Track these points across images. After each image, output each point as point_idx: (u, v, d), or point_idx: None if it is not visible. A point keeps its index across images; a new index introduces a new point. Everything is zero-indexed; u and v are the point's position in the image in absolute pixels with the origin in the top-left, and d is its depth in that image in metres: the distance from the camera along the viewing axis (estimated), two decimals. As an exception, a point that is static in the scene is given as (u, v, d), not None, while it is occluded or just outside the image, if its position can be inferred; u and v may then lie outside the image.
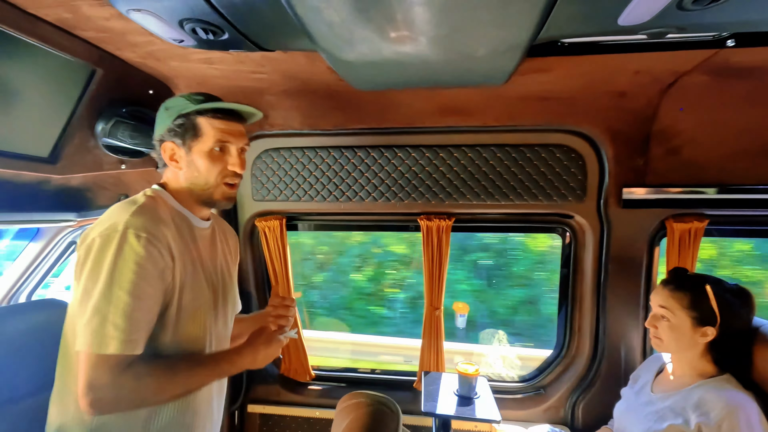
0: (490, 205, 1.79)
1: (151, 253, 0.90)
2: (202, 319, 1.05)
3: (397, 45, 0.96)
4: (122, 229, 0.89)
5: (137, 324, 0.89)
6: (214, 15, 0.94)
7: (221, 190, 1.07)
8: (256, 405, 2.10)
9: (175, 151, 1.06)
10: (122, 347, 0.86)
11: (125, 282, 0.87)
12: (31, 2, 0.99)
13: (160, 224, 0.95)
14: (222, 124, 1.05)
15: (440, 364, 1.96)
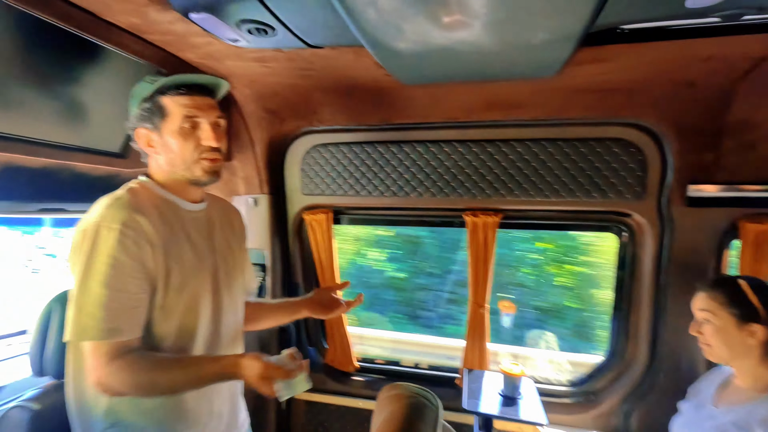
0: (540, 201, 1.72)
1: (124, 244, 0.92)
2: (197, 300, 1.05)
3: (449, 31, 0.93)
4: (96, 223, 0.93)
5: (114, 313, 0.91)
6: (267, 14, 0.98)
7: (201, 166, 1.04)
8: (302, 393, 2.17)
9: (149, 136, 1.04)
10: (100, 335, 0.90)
11: (99, 274, 0.91)
12: (107, 9, 1.08)
13: (135, 214, 0.96)
14: (187, 100, 1.02)
15: (484, 362, 1.93)
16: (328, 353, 2.18)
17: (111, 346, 0.92)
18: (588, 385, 1.91)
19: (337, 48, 1.26)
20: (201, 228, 1.13)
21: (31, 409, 1.05)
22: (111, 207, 0.96)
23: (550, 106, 1.60)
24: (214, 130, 1.04)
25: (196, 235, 1.10)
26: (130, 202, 0.97)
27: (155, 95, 1.01)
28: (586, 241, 3.53)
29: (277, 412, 2.14)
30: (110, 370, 0.91)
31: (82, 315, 0.91)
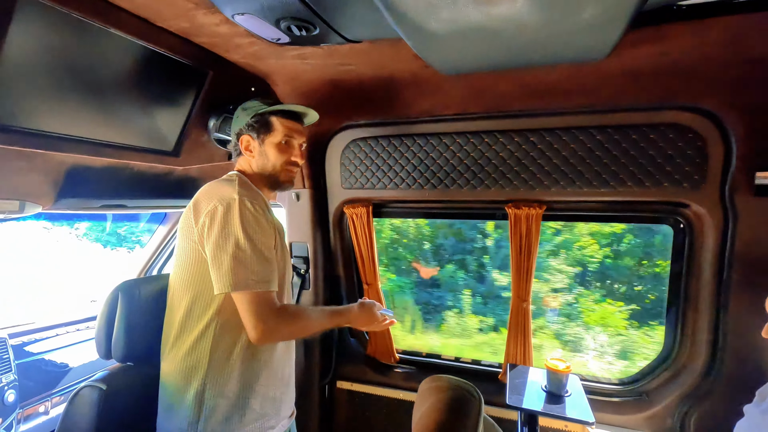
0: (588, 192, 1.65)
1: (260, 215, 1.15)
2: (285, 276, 1.30)
3: (488, 5, 0.89)
4: (238, 198, 1.13)
5: (266, 267, 1.13)
6: (307, 11, 1.00)
7: (285, 174, 1.32)
8: (345, 382, 2.22)
9: (250, 142, 1.31)
10: (261, 285, 1.10)
11: (250, 236, 1.11)
12: (158, 16, 1.14)
13: (258, 196, 1.21)
14: (289, 123, 1.31)
15: (528, 357, 1.89)
16: (369, 345, 2.22)
17: (271, 296, 1.13)
18: (640, 384, 1.82)
19: (375, 42, 1.26)
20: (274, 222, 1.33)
21: (100, 389, 1.15)
22: (243, 187, 1.17)
23: (598, 92, 1.52)
24: (300, 149, 1.35)
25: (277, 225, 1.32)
26: (250, 187, 1.22)
27: (266, 114, 1.29)
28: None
29: (320, 399, 2.21)
30: (278, 316, 1.12)
31: (243, 270, 1.09)
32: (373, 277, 2.13)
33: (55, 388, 2.42)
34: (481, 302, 3.59)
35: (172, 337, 1.18)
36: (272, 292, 1.14)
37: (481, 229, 3.64)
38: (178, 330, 1.18)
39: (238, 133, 1.32)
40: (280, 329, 1.14)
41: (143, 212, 2.53)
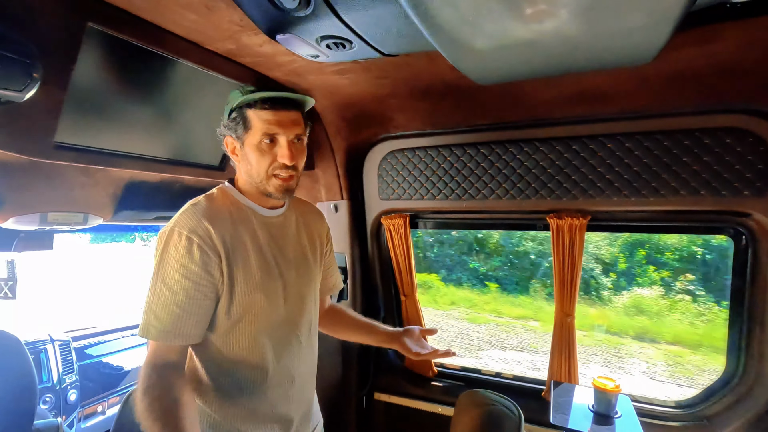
0: (635, 201, 1.57)
1: (190, 250, 0.96)
2: (264, 306, 1.07)
3: (532, 23, 0.87)
4: (170, 228, 0.98)
5: (175, 317, 0.95)
6: (345, 29, 1.03)
7: (273, 183, 1.06)
8: (382, 394, 2.21)
9: (234, 144, 1.08)
10: (158, 336, 0.94)
11: (167, 277, 0.96)
12: (207, 39, 1.22)
13: (207, 222, 1.00)
14: (269, 115, 1.02)
15: (573, 375, 1.80)
16: (406, 357, 2.20)
17: (161, 352, 0.96)
18: (700, 408, 1.68)
19: (411, 54, 1.28)
20: (277, 234, 1.15)
21: None
22: (184, 213, 1.01)
23: (644, 97, 1.45)
24: (291, 148, 1.04)
25: (267, 239, 1.12)
26: (204, 209, 1.03)
27: (243, 107, 1.03)
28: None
29: (357, 410, 2.21)
30: (145, 375, 0.93)
31: (150, 314, 0.96)
32: (410, 288, 2.12)
33: (112, 390, 2.57)
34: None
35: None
36: (168, 347, 0.96)
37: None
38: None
39: (222, 135, 1.11)
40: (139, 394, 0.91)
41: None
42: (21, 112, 0.99)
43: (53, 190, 1.34)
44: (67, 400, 2.24)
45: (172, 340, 0.95)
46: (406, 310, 2.16)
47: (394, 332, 1.41)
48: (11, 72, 0.88)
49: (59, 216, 1.40)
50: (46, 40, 0.96)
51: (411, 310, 2.15)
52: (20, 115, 1.00)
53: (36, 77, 0.92)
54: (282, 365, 1.13)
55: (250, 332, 1.07)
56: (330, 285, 1.43)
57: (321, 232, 1.34)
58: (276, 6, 0.95)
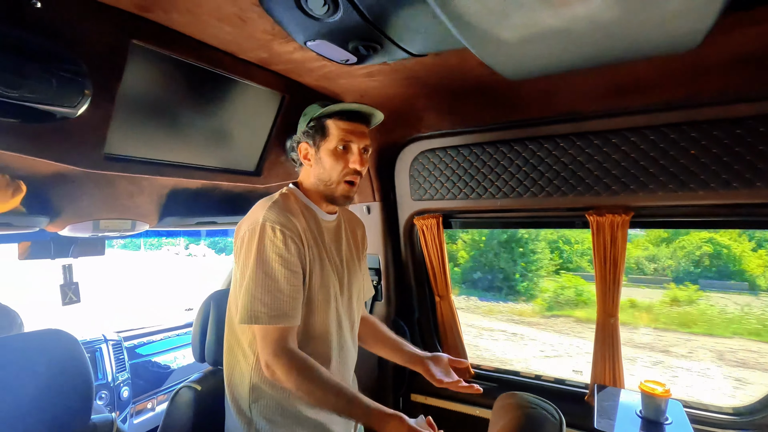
0: (683, 195, 1.48)
1: (285, 241, 1.07)
2: (330, 300, 1.19)
3: (561, 9, 0.84)
4: (261, 222, 1.08)
5: (279, 301, 1.05)
6: (373, 31, 1.04)
7: (342, 188, 1.19)
8: (419, 395, 2.20)
9: (308, 150, 1.22)
10: (271, 321, 1.04)
11: (268, 266, 1.06)
12: (241, 49, 1.26)
13: (291, 217, 1.11)
14: (345, 125, 1.17)
15: (618, 379, 1.72)
16: (442, 358, 2.18)
17: (279, 332, 1.05)
18: (761, 415, 1.57)
19: (440, 53, 1.27)
20: (332, 236, 1.28)
21: (195, 389, 1.26)
22: (272, 209, 1.11)
23: (688, 85, 1.37)
24: (361, 155, 1.19)
25: (329, 242, 1.25)
26: (284, 207, 1.14)
27: (322, 117, 1.18)
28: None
29: (395, 412, 2.21)
30: (280, 361, 1.03)
31: (256, 302, 1.05)
32: (445, 289, 2.10)
33: (160, 387, 2.70)
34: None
35: (228, 349, 1.22)
36: (285, 328, 1.06)
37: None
38: (229, 343, 1.22)
39: (297, 141, 1.26)
40: (284, 377, 1.03)
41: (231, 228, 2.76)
42: (74, 127, 1.06)
43: (104, 199, 1.43)
44: (120, 396, 2.37)
45: (280, 321, 1.05)
46: (441, 312, 2.14)
47: (421, 355, 1.39)
48: (66, 90, 0.94)
49: (110, 223, 1.49)
50: (94, 58, 1.02)
51: (446, 312, 2.13)
52: (73, 130, 1.07)
53: (87, 94, 0.99)
54: (337, 360, 1.23)
55: (315, 324, 1.17)
56: (367, 292, 1.49)
57: (362, 238, 1.46)
58: (306, 13, 0.97)
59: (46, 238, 1.58)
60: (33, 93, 0.88)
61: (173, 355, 2.84)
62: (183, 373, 2.81)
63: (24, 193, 1.15)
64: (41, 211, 1.30)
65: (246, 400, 1.15)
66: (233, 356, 1.20)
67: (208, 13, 1.03)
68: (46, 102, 0.92)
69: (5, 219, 1.19)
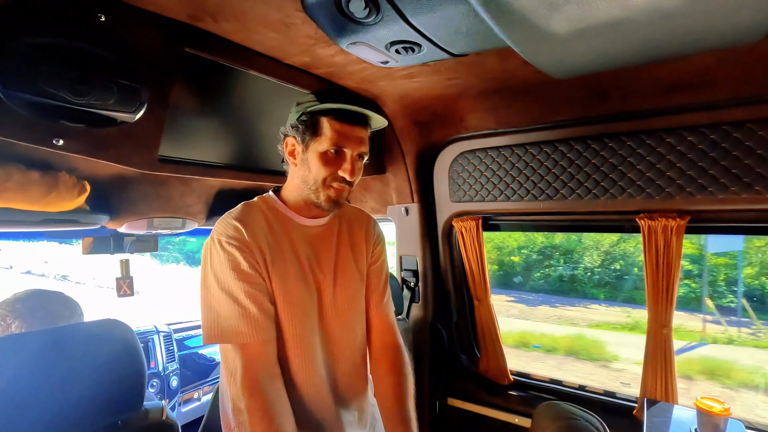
0: (746, 199, 1.37)
1: (233, 255, 0.97)
2: (304, 314, 1.05)
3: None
4: (209, 239, 1.01)
5: (239, 315, 0.95)
6: (413, 33, 1.04)
7: (326, 193, 1.04)
8: (456, 400, 2.17)
9: (295, 146, 1.06)
10: (223, 338, 0.95)
11: (221, 282, 0.97)
12: (285, 54, 1.30)
13: (242, 226, 1.00)
14: (341, 127, 1.00)
15: (670, 394, 1.62)
16: (480, 363, 2.14)
17: (246, 350, 0.95)
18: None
19: (481, 53, 1.25)
20: (315, 244, 1.13)
21: None
22: (221, 222, 1.03)
23: (754, 80, 1.26)
24: (353, 163, 1.03)
25: (305, 248, 1.10)
26: (239, 215, 1.03)
27: (316, 113, 1.02)
28: None
29: (430, 416, 2.19)
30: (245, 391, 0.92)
31: (215, 321, 0.97)
32: (483, 292, 2.06)
33: (206, 379, 2.83)
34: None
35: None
36: (252, 346, 0.95)
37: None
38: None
39: (284, 134, 1.09)
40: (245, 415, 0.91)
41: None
42: (132, 131, 1.14)
43: (157, 198, 1.52)
44: (170, 385, 2.50)
45: (235, 339, 0.95)
46: (479, 316, 2.10)
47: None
48: (126, 97, 1.01)
49: (163, 221, 1.58)
50: (151, 66, 1.09)
51: (484, 315, 2.08)
52: (131, 134, 1.14)
53: (144, 100, 1.05)
54: (328, 374, 1.11)
55: (287, 341, 1.05)
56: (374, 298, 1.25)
57: (364, 236, 1.25)
58: (347, 17, 0.99)
59: (107, 234, 1.70)
60: (97, 100, 0.96)
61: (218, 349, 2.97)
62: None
63: (88, 193, 1.24)
64: (102, 209, 1.40)
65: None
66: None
67: (255, 20, 1.07)
68: (109, 108, 0.99)
69: (72, 216, 1.30)
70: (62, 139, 1.01)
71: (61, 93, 0.90)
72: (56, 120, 0.97)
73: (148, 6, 1.01)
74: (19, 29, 0.87)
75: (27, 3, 0.87)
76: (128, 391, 1.07)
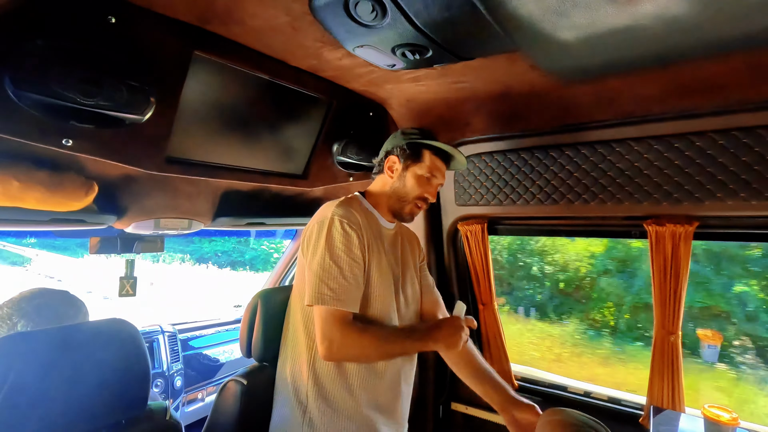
0: (757, 205, 1.35)
1: (350, 234, 1.18)
2: (387, 297, 1.27)
3: (628, 6, 0.79)
4: (330, 217, 1.19)
5: (345, 286, 1.14)
6: (420, 36, 1.04)
7: (411, 208, 1.33)
8: (460, 404, 2.16)
9: (395, 164, 1.34)
10: (336, 303, 1.12)
11: (334, 254, 1.16)
12: (292, 57, 1.30)
13: (356, 215, 1.22)
14: (439, 162, 1.33)
15: (677, 401, 1.60)
16: (485, 367, 2.12)
17: (342, 315, 1.13)
18: None
19: (489, 57, 1.25)
20: (390, 243, 1.38)
21: (242, 384, 1.31)
22: (340, 206, 1.22)
23: (765, 85, 1.24)
24: (436, 189, 1.35)
25: (387, 246, 1.35)
26: (352, 206, 1.25)
27: (421, 145, 1.32)
28: None
29: (434, 420, 2.18)
30: (344, 334, 1.11)
31: (323, 286, 1.14)
32: (488, 296, 2.05)
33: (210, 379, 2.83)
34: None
35: (288, 343, 1.31)
36: (347, 312, 1.14)
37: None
38: (291, 337, 1.30)
39: (388, 152, 1.37)
40: (347, 348, 1.12)
41: (279, 229, 2.86)
42: (140, 132, 1.15)
43: (164, 199, 1.53)
44: (174, 385, 2.51)
45: (343, 305, 1.13)
46: (484, 320, 2.09)
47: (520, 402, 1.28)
48: (135, 98, 1.02)
49: (169, 222, 1.59)
50: (160, 68, 1.10)
51: (489, 320, 2.07)
52: (139, 135, 1.15)
53: (153, 101, 1.06)
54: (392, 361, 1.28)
55: (374, 314, 1.24)
56: (431, 300, 1.51)
57: (417, 250, 1.55)
58: (355, 20, 0.99)
59: (114, 234, 1.72)
60: (107, 101, 0.97)
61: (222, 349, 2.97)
62: (231, 366, 2.93)
63: (96, 193, 1.25)
64: (110, 209, 1.41)
65: (304, 393, 1.22)
66: (294, 349, 1.28)
67: (263, 23, 1.07)
68: (118, 109, 1.00)
69: (80, 216, 1.31)
70: (71, 140, 1.02)
71: (71, 94, 0.91)
72: (66, 120, 0.98)
73: (158, 8, 1.02)
74: (31, 31, 0.88)
75: (39, 5, 0.88)
76: (133, 390, 1.07)
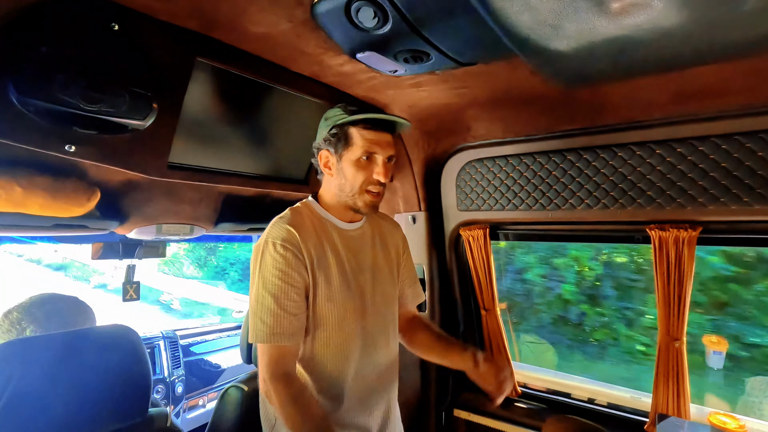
0: (760, 210, 1.34)
1: (286, 256, 1.05)
2: (345, 312, 1.13)
3: (620, 18, 0.80)
4: (264, 240, 1.08)
5: (279, 318, 1.03)
6: (421, 42, 1.04)
7: (363, 198, 1.14)
8: (462, 411, 2.14)
9: (329, 158, 1.16)
10: (270, 338, 1.02)
11: (268, 282, 1.05)
12: (294, 63, 1.31)
13: (295, 231, 1.09)
14: (371, 135, 1.11)
15: (682, 409, 1.58)
16: (487, 374, 2.11)
17: (279, 352, 1.03)
18: None
19: (490, 62, 1.25)
20: (354, 247, 1.22)
21: (242, 390, 1.30)
22: (274, 226, 1.12)
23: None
24: (385, 166, 1.14)
25: (346, 252, 1.19)
26: (289, 220, 1.12)
27: (345, 125, 1.12)
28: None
29: (436, 428, 2.16)
30: (274, 384, 1.01)
31: (256, 320, 1.05)
32: (491, 302, 2.04)
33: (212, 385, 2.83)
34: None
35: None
36: (284, 348, 1.04)
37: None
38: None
39: (318, 148, 1.20)
40: (271, 396, 1.02)
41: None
42: (142, 138, 1.15)
43: (166, 204, 1.53)
44: (175, 391, 2.50)
45: (278, 340, 1.02)
46: (487, 326, 2.08)
47: (472, 355, 1.28)
48: (137, 104, 1.03)
49: (171, 227, 1.59)
50: (162, 74, 1.11)
51: (492, 326, 2.06)
52: (142, 141, 1.16)
53: (155, 107, 1.07)
54: (360, 375, 1.17)
55: (328, 340, 1.12)
56: (409, 295, 1.42)
57: (396, 242, 1.39)
58: (356, 26, 0.99)
59: (116, 240, 1.72)
60: (109, 107, 0.97)
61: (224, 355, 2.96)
62: (233, 372, 2.92)
63: (98, 199, 1.26)
64: (112, 215, 1.41)
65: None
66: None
67: (265, 29, 1.08)
68: (120, 115, 1.01)
69: (82, 221, 1.31)
70: (74, 146, 1.03)
71: (74, 100, 0.91)
72: (69, 127, 0.99)
73: (161, 15, 1.02)
74: (35, 38, 0.89)
75: (42, 13, 0.89)
76: (134, 396, 1.07)
